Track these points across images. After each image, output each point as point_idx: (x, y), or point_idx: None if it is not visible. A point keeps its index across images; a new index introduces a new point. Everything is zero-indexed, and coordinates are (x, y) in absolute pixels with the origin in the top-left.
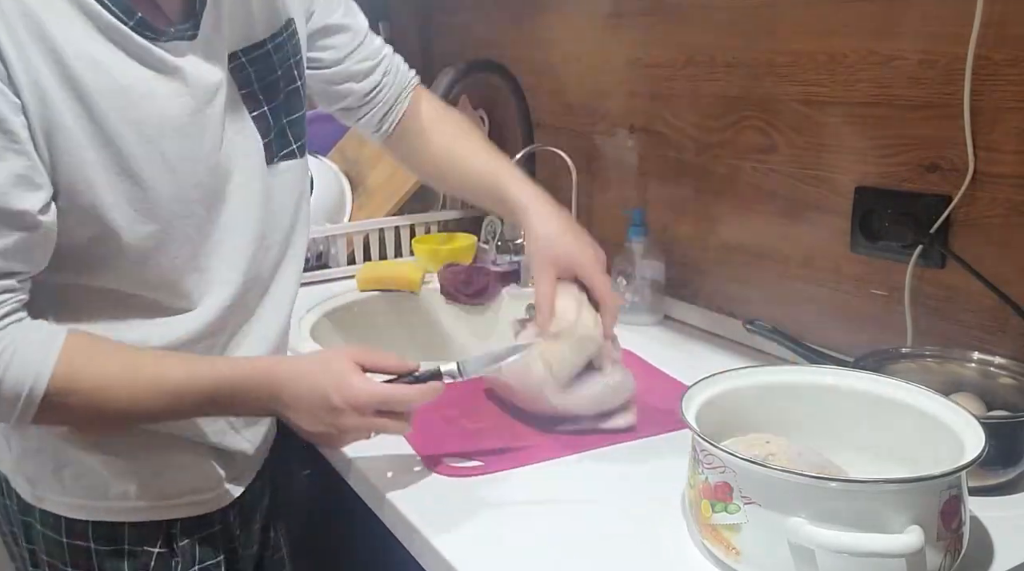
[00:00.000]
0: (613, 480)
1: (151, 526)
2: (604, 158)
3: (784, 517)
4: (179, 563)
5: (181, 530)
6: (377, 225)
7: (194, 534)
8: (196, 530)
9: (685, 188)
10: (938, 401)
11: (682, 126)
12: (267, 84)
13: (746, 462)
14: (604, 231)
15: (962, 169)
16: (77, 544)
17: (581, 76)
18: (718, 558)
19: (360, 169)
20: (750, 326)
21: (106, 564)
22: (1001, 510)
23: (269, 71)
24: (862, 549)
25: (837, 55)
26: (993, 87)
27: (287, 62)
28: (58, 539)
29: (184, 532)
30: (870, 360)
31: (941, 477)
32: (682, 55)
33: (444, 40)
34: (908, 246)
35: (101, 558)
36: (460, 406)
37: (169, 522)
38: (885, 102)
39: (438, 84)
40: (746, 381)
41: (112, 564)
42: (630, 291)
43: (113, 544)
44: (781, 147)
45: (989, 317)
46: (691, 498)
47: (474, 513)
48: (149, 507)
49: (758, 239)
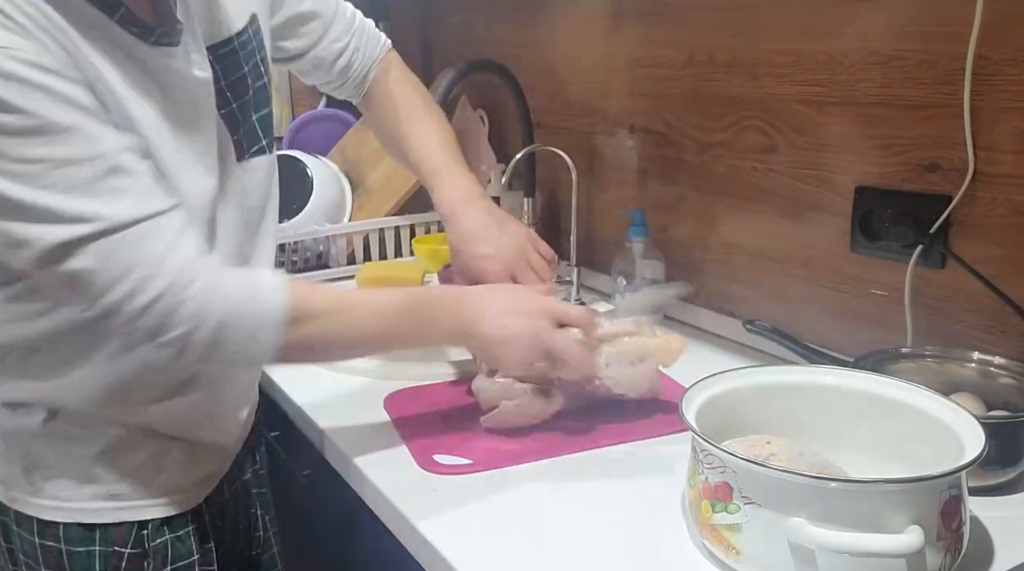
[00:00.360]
0: (613, 480)
1: (122, 527)
2: (604, 158)
3: (784, 517)
4: (151, 563)
5: (152, 530)
6: (377, 225)
7: (166, 534)
8: (168, 530)
9: (685, 188)
10: (938, 401)
11: (682, 126)
12: (234, 81)
13: (746, 462)
14: (604, 231)
15: (962, 169)
16: (49, 545)
17: (581, 76)
18: (718, 558)
19: (360, 169)
20: (750, 326)
21: (76, 565)
22: (1001, 510)
23: (236, 68)
24: (862, 549)
25: (837, 55)
26: (993, 87)
27: (253, 58)
28: (31, 539)
29: (156, 532)
30: (870, 360)
31: (941, 477)
32: (682, 55)
33: (444, 40)
34: (908, 246)
35: (72, 559)
36: (454, 405)
37: (140, 522)
38: (885, 102)
39: (438, 84)
40: (746, 381)
41: (83, 564)
42: (630, 291)
43: (84, 545)
44: (781, 147)
45: (989, 317)
46: (691, 498)
47: (474, 513)
48: (119, 508)
49: (758, 239)
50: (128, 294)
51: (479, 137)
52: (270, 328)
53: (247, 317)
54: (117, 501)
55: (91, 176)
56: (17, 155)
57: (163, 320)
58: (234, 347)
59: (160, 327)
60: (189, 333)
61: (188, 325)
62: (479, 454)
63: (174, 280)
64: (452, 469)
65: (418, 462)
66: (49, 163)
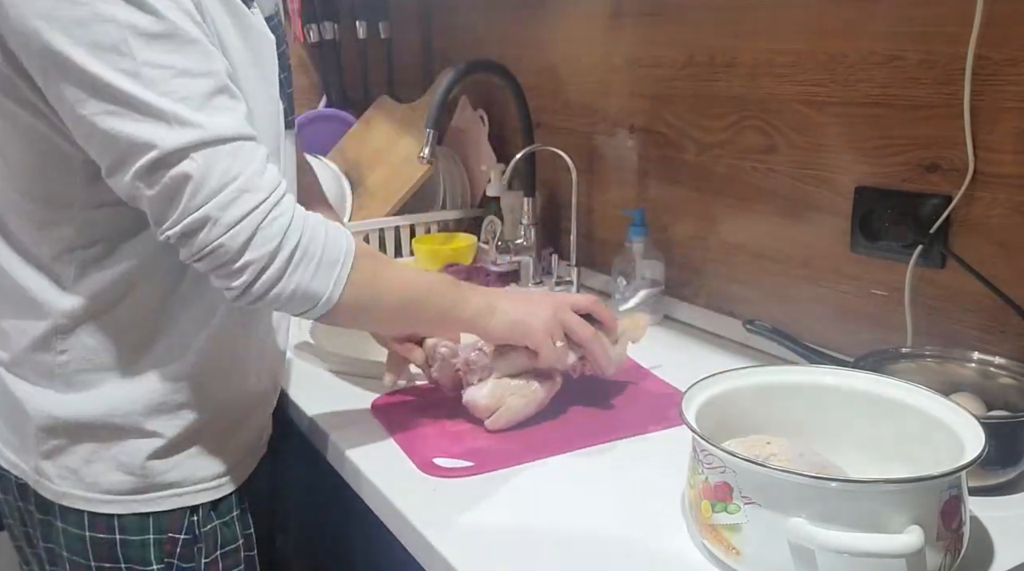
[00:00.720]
0: (612, 480)
1: (175, 513)
2: (604, 158)
3: (784, 517)
4: (202, 549)
5: (203, 516)
6: (377, 225)
7: (214, 519)
8: (216, 516)
9: (685, 188)
10: (938, 401)
11: (682, 126)
12: (282, 52)
13: (746, 462)
14: (604, 231)
15: (962, 169)
16: (100, 537)
17: (581, 76)
18: (718, 558)
19: (360, 169)
20: (750, 326)
21: (132, 554)
22: (1001, 510)
23: (282, 41)
24: (862, 549)
25: (837, 55)
26: (993, 87)
27: (285, 40)
28: (80, 534)
29: (205, 518)
30: (870, 360)
31: (941, 477)
32: (682, 55)
33: (444, 40)
34: (908, 246)
35: (126, 549)
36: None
37: (192, 507)
38: (885, 102)
39: (438, 84)
40: (746, 381)
41: (137, 554)
42: (630, 291)
43: (138, 534)
44: (781, 147)
45: (989, 317)
46: (691, 498)
47: (473, 513)
48: (172, 495)
49: (758, 239)
50: (225, 204)
51: (479, 137)
52: (342, 255)
53: (325, 242)
54: (170, 489)
55: (206, 90)
56: (146, 58)
57: (252, 235)
58: (303, 275)
59: (247, 244)
60: (273, 253)
61: (273, 243)
62: (478, 456)
63: (267, 198)
64: (452, 472)
65: (418, 466)
66: (173, 71)
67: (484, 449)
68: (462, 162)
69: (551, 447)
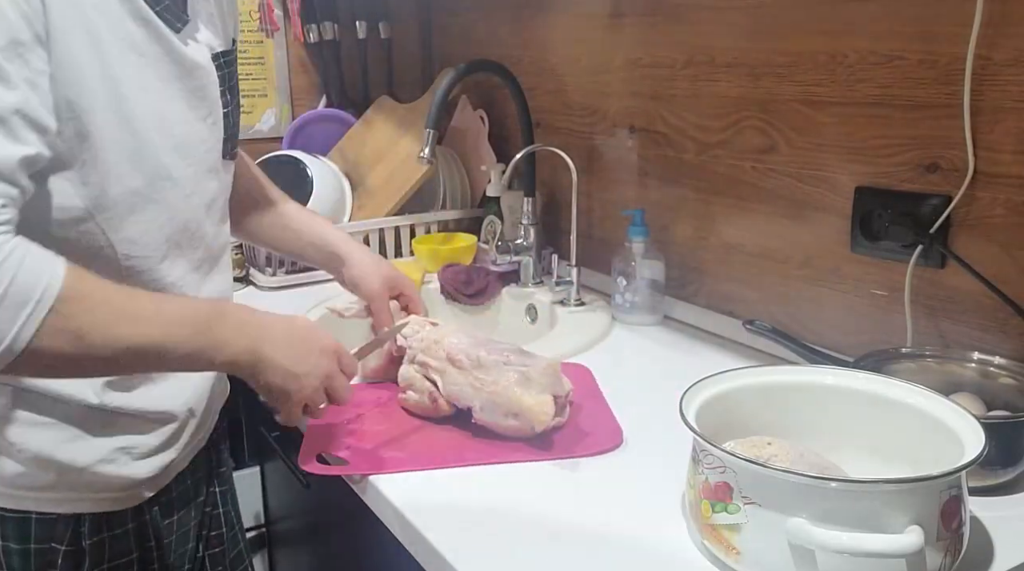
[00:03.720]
0: (612, 480)
1: (59, 521)
2: (604, 158)
3: (784, 517)
4: (87, 561)
5: (89, 527)
6: (377, 225)
7: (103, 532)
8: (105, 528)
9: (685, 188)
10: (938, 401)
11: (682, 126)
12: (230, 87)
13: (746, 462)
14: (604, 231)
15: (962, 169)
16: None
17: (581, 76)
18: (718, 558)
19: (360, 169)
20: (750, 326)
21: (13, 561)
22: (1001, 510)
23: (232, 77)
24: (862, 549)
25: (837, 55)
26: (993, 87)
27: (235, 76)
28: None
29: (93, 530)
30: (870, 360)
31: (941, 477)
32: (682, 55)
33: (444, 40)
34: (908, 246)
35: (9, 555)
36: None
37: (77, 518)
38: (885, 102)
39: (438, 84)
40: (746, 381)
41: (19, 562)
42: (630, 291)
43: (20, 542)
44: (781, 147)
45: (989, 317)
46: (691, 498)
47: (474, 513)
48: (56, 499)
49: (758, 239)
50: None
51: (479, 137)
52: (36, 294)
53: (13, 278)
54: (54, 492)
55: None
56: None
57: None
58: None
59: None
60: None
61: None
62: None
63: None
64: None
65: None
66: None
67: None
68: (462, 162)
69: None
